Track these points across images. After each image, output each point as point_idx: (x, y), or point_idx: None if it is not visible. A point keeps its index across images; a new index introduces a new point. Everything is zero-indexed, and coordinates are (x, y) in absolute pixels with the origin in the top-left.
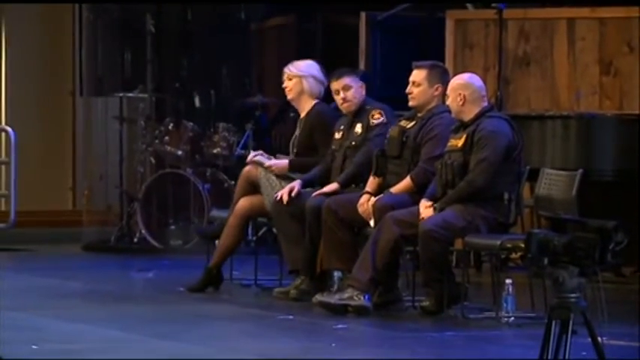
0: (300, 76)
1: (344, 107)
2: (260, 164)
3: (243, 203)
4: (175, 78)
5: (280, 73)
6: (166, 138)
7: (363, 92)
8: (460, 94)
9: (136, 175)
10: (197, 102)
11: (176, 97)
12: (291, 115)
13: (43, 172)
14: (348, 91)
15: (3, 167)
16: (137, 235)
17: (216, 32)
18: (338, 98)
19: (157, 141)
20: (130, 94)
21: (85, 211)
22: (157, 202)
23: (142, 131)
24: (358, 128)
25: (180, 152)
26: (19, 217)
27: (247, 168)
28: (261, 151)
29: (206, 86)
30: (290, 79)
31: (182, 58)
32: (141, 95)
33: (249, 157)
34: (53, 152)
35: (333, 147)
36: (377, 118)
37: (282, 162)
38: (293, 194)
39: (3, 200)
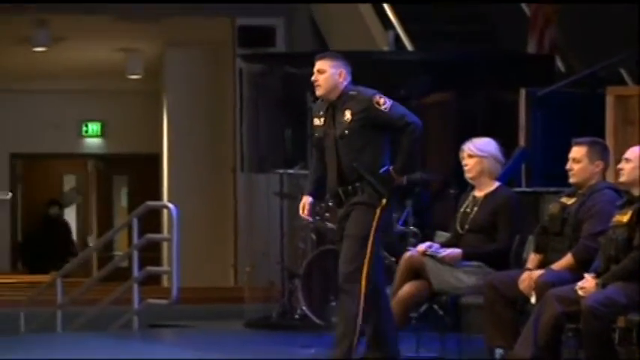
0: (481, 156)
1: (316, 90)
2: (433, 257)
3: (407, 289)
4: None
5: (440, 150)
6: (327, 214)
7: (341, 79)
8: None
9: (297, 252)
10: None
11: None
12: (451, 191)
13: (205, 248)
14: (322, 74)
15: (165, 244)
16: (298, 311)
17: None
18: (313, 78)
19: (317, 217)
20: (291, 171)
21: (247, 288)
22: (317, 279)
23: None
24: (347, 116)
25: None
26: (181, 293)
27: (409, 254)
28: (430, 243)
29: None
30: (470, 157)
31: None
32: (302, 172)
33: (420, 249)
34: (215, 228)
35: (316, 134)
36: (383, 102)
37: (455, 252)
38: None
39: (165, 276)
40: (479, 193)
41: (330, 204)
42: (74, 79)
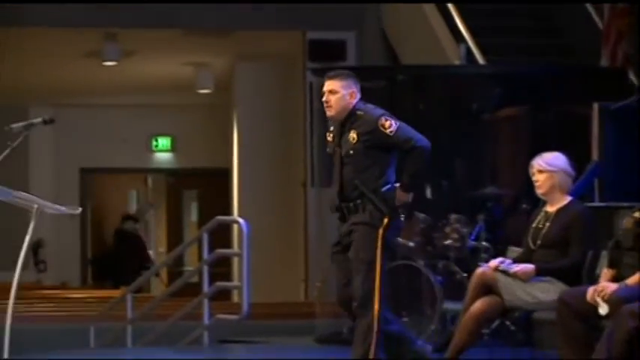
0: (551, 171)
1: (326, 110)
2: (505, 272)
3: (479, 305)
4: None
5: (512, 164)
6: None
7: (352, 99)
8: None
9: None
10: (428, 193)
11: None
12: (524, 206)
13: (276, 263)
14: (334, 95)
15: (235, 259)
16: None
17: (447, 123)
18: (324, 99)
19: None
20: None
21: (318, 303)
22: (389, 294)
23: None
24: (352, 136)
25: (411, 244)
26: (251, 308)
27: (481, 270)
28: (502, 259)
29: (437, 177)
30: (540, 173)
31: None
32: None
33: (492, 264)
34: (285, 243)
35: (328, 150)
36: (389, 125)
37: (528, 268)
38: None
39: (236, 292)
40: (551, 208)
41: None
42: (144, 93)
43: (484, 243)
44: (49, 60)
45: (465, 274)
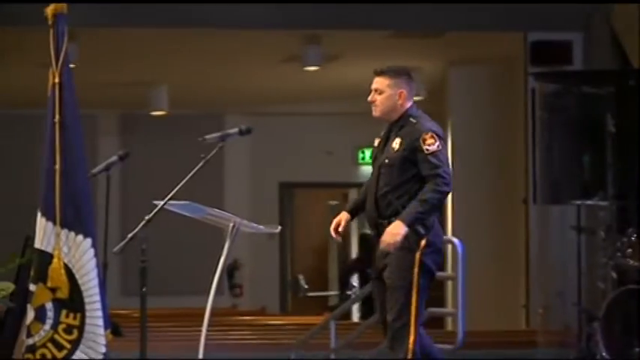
0: None
1: (372, 110)
2: None
3: None
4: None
5: None
6: (629, 250)
7: (400, 100)
8: None
9: (596, 292)
10: None
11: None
12: None
13: (493, 287)
14: (380, 94)
15: (449, 283)
16: (598, 357)
17: None
18: (369, 98)
19: (618, 254)
20: (589, 202)
21: (540, 331)
22: (619, 321)
23: (602, 243)
24: (396, 143)
25: None
26: (467, 337)
27: None
28: None
29: None
30: None
31: None
32: (601, 203)
33: None
34: (504, 265)
35: (372, 156)
36: (430, 143)
37: None
38: (340, 229)
39: (450, 319)
40: None
41: (633, 238)
42: (348, 100)
43: None
44: (245, 65)
45: None
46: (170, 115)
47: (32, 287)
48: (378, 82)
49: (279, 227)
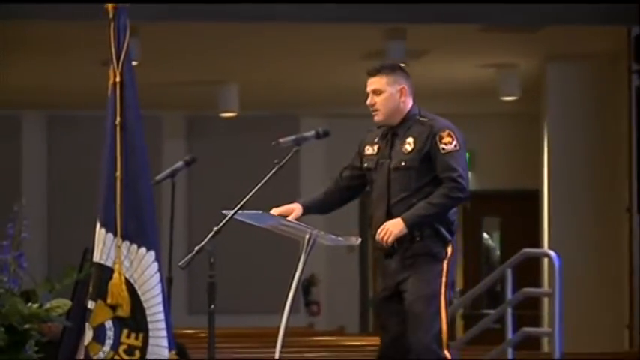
0: None
1: (374, 116)
2: None
3: None
4: None
5: None
6: None
7: (403, 97)
8: None
9: None
10: None
11: None
12: None
13: (593, 305)
14: (379, 95)
15: (545, 300)
16: None
17: None
18: (367, 102)
19: None
20: None
21: None
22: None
23: None
24: (409, 144)
25: None
26: (565, 358)
27: None
28: None
29: None
30: None
31: None
32: None
33: None
34: (605, 280)
35: (365, 165)
36: (448, 142)
37: None
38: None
39: (546, 339)
40: None
41: None
42: (435, 101)
43: None
44: (322, 62)
45: None
46: (240, 117)
47: (91, 304)
48: (375, 82)
49: (360, 239)
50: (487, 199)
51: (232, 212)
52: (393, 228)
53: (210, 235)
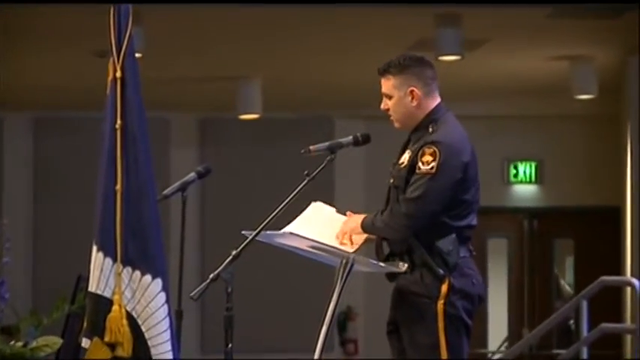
0: None
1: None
2: None
3: None
4: None
5: None
6: None
7: (414, 100)
8: None
9: None
10: None
11: None
12: None
13: None
14: (390, 100)
15: (628, 337)
16: None
17: None
18: (381, 107)
19: None
20: None
21: None
22: None
23: None
24: (404, 159)
25: None
26: None
27: None
28: None
29: None
30: None
31: None
32: None
33: None
34: None
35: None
36: (426, 161)
37: None
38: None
39: None
40: None
41: None
42: (495, 99)
43: None
44: (361, 54)
45: None
46: (263, 119)
47: (85, 343)
48: (384, 85)
49: (406, 265)
50: (558, 218)
51: (254, 233)
52: (346, 227)
53: (227, 260)
